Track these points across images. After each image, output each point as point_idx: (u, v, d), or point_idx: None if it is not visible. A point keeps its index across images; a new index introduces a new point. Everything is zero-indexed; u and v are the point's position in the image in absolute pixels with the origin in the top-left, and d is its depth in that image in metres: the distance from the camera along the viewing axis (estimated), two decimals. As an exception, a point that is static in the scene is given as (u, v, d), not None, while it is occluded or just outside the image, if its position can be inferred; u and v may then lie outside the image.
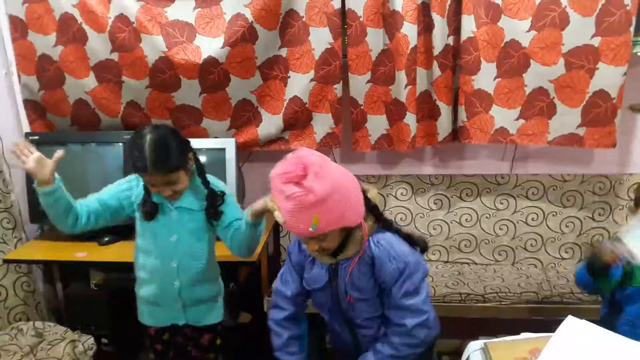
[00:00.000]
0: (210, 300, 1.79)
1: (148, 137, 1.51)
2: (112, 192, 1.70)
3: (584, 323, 1.18)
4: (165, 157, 1.52)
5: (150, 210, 1.65)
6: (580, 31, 2.09)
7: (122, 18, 2.18)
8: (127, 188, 1.70)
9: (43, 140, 2.25)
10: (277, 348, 1.60)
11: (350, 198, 1.32)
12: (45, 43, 2.28)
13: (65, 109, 2.37)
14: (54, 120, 2.42)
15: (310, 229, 1.27)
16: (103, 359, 2.14)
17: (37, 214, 2.22)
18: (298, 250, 1.58)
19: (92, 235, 2.13)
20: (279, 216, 1.33)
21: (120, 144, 2.24)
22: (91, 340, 1.97)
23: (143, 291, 1.76)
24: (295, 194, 1.25)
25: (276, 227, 2.51)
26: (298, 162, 1.27)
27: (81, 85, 2.31)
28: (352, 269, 1.44)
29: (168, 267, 1.69)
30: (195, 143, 2.22)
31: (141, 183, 1.66)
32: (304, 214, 1.26)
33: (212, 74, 2.23)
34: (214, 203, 1.67)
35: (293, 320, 1.62)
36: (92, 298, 2.27)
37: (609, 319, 1.58)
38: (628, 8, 2.03)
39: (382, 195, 2.46)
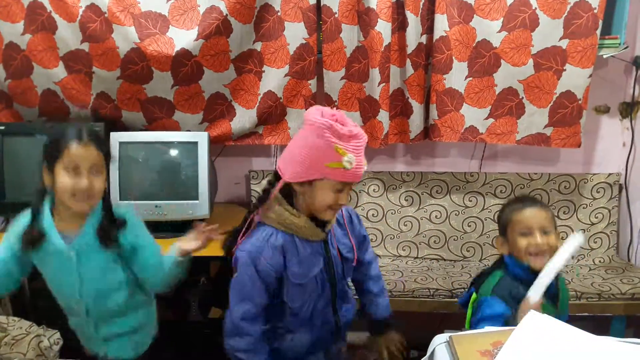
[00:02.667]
0: (135, 332, 1.56)
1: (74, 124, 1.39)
2: (6, 244, 1.43)
3: (545, 317, 1.21)
4: (97, 134, 1.39)
5: (33, 238, 1.39)
6: (549, 33, 2.14)
7: (93, 8, 2.14)
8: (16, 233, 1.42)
9: (9, 131, 2.19)
10: None
11: None
12: (13, 31, 2.21)
13: (32, 99, 2.32)
14: (20, 110, 2.36)
15: (365, 168, 1.33)
16: (69, 353, 2.10)
17: (2, 205, 2.17)
18: (274, 253, 1.37)
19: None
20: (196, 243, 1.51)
21: (90, 135, 2.20)
22: (57, 335, 1.93)
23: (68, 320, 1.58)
24: (360, 130, 1.32)
25: (248, 222, 2.51)
26: (340, 114, 1.34)
27: (50, 75, 2.26)
28: (335, 232, 1.49)
29: (74, 306, 1.49)
30: (167, 136, 2.23)
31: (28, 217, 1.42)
32: (362, 151, 1.31)
33: (185, 67, 2.20)
34: (108, 226, 1.42)
35: (261, 340, 1.43)
36: (59, 292, 2.23)
37: None
38: (595, 11, 2.09)
39: (354, 191, 2.48)
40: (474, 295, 1.52)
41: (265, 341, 1.45)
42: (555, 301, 1.47)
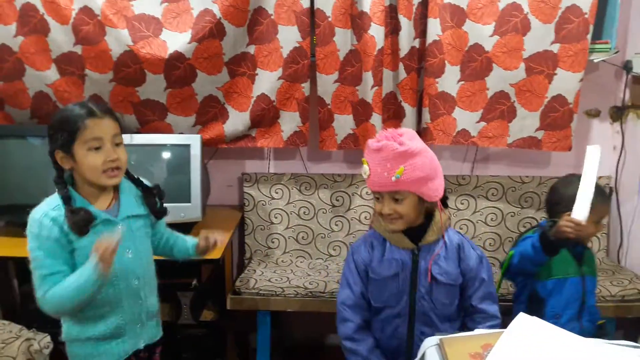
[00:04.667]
0: (157, 312, 1.57)
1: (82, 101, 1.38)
2: (53, 246, 1.31)
3: (535, 319, 1.22)
4: (108, 107, 1.37)
5: (84, 218, 1.30)
6: (540, 37, 2.16)
7: (86, 10, 2.13)
8: (54, 222, 1.32)
9: (0, 133, 2.18)
10: None
11: (436, 171, 1.45)
12: (5, 33, 2.20)
13: (24, 102, 2.30)
14: (12, 112, 2.35)
15: (393, 179, 1.36)
16: (59, 357, 2.09)
17: (-7, 208, 2.16)
18: (365, 248, 1.56)
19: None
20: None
21: (82, 138, 2.19)
22: (47, 338, 1.92)
23: (95, 330, 1.41)
24: (387, 144, 1.37)
25: (241, 225, 2.51)
26: (394, 131, 1.43)
27: (42, 78, 2.25)
28: (438, 255, 1.48)
29: (131, 289, 1.43)
30: (160, 139, 2.23)
31: (62, 210, 1.32)
32: (392, 163, 1.36)
33: (178, 69, 2.20)
34: (156, 199, 1.49)
35: (364, 330, 1.55)
36: (50, 295, 2.21)
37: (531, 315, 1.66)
38: (586, 16, 2.11)
39: (346, 194, 2.48)
40: (510, 252, 1.70)
41: (369, 332, 1.56)
42: (580, 260, 1.70)
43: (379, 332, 1.56)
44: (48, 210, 1.33)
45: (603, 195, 1.70)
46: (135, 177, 1.50)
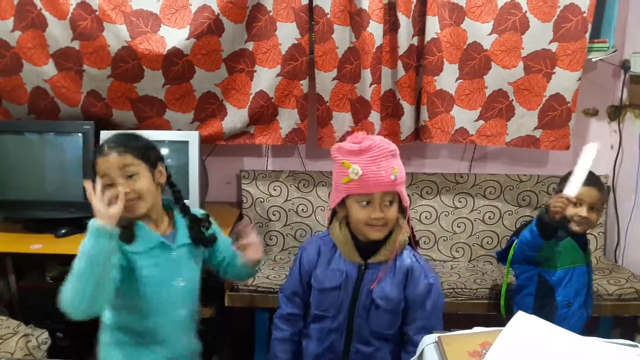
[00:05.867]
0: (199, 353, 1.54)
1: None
2: None
3: (533, 318, 1.23)
4: (127, 138, 1.36)
5: (127, 227, 1.34)
6: (539, 36, 2.16)
7: (84, 5, 2.12)
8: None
9: (-2, 128, 2.18)
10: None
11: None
12: (3, 28, 2.19)
13: (22, 97, 2.30)
14: (9, 107, 2.34)
15: (392, 177, 1.33)
16: (58, 353, 2.09)
17: (-10, 204, 2.15)
18: (314, 251, 1.51)
19: (48, 227, 2.08)
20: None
21: (80, 134, 2.18)
22: (45, 334, 1.92)
23: None
24: (377, 143, 1.34)
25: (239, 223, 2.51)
26: (362, 134, 1.38)
27: (40, 73, 2.24)
28: (383, 276, 1.42)
29: (178, 320, 1.43)
30: (158, 135, 2.21)
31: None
32: (387, 162, 1.34)
33: (176, 65, 2.20)
34: (200, 229, 1.47)
35: (283, 320, 1.56)
36: (47, 291, 2.19)
37: (542, 305, 1.76)
38: (584, 15, 2.11)
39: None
40: (515, 242, 1.77)
41: (294, 326, 1.56)
42: (585, 250, 1.80)
43: (317, 343, 1.51)
44: None
45: (599, 183, 1.77)
46: (187, 207, 1.49)
